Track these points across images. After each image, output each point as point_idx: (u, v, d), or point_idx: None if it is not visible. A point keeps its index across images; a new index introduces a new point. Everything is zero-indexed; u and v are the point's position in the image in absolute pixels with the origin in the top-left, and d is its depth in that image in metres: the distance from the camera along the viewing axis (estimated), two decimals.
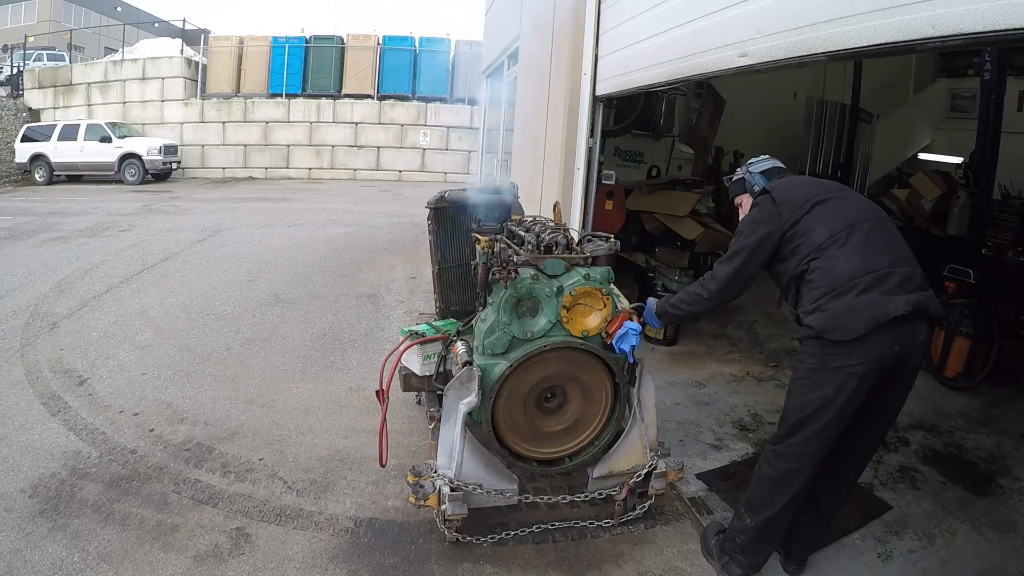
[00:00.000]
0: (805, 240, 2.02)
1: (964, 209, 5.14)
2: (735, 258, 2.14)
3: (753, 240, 2.11)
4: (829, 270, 1.95)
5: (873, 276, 1.90)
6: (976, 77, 5.84)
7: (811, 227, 2.03)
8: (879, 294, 1.88)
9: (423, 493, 2.21)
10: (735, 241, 2.16)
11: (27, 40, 19.67)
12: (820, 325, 1.92)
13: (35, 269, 6.22)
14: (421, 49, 16.22)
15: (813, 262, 1.99)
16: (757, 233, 2.11)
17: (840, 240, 1.98)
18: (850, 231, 1.99)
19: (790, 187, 2.17)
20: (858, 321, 1.86)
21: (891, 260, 1.94)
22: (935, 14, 1.60)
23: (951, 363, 4.03)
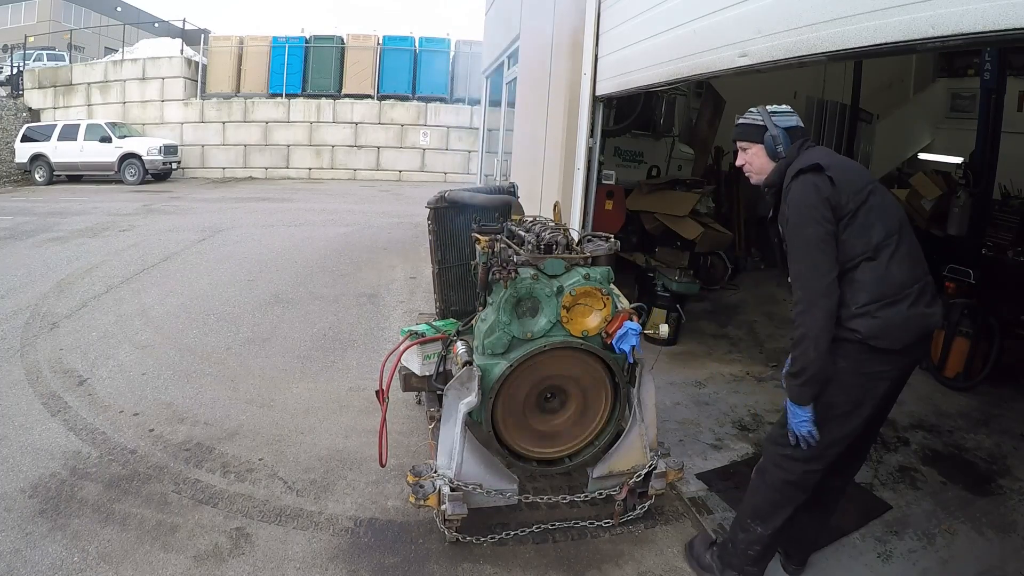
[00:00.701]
0: (861, 236, 1.84)
1: (964, 209, 5.13)
2: (813, 251, 1.83)
3: (825, 223, 1.82)
4: (884, 275, 1.83)
5: (919, 286, 1.86)
6: (976, 77, 5.84)
7: (870, 222, 1.84)
8: (924, 307, 1.85)
9: (423, 493, 2.21)
10: (799, 232, 1.84)
11: (27, 40, 19.66)
12: (870, 331, 1.82)
13: (35, 269, 6.22)
14: (421, 49, 16.22)
15: (867, 263, 1.84)
16: (825, 216, 1.83)
17: (893, 242, 1.85)
18: (900, 233, 1.87)
19: (844, 167, 1.92)
20: (910, 333, 1.83)
21: (925, 268, 1.90)
22: (935, 14, 1.60)
23: (951, 363, 4.02)
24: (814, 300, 1.82)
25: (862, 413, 1.91)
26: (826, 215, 1.83)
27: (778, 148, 2.04)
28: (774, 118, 2.08)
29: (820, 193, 1.83)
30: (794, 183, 1.89)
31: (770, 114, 2.09)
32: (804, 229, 1.84)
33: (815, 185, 1.85)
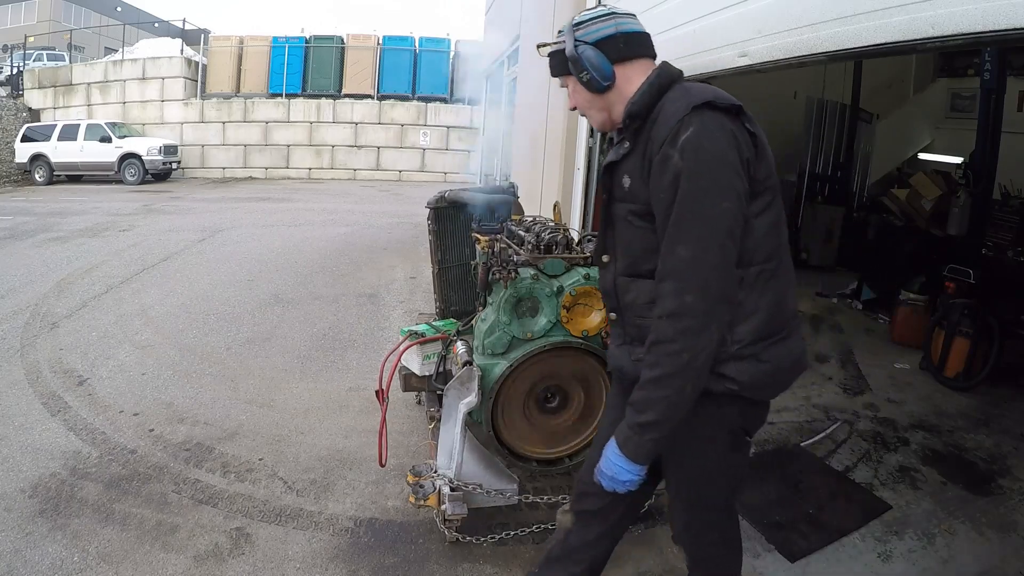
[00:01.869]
0: (766, 232, 1.29)
1: (964, 209, 5.14)
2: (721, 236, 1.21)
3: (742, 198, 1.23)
4: (781, 299, 1.33)
5: (798, 317, 1.44)
6: (976, 77, 5.83)
7: (778, 216, 1.31)
8: (800, 339, 1.42)
9: (423, 493, 2.21)
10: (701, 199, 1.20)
11: (27, 40, 19.65)
12: (751, 381, 1.30)
13: (35, 269, 6.22)
14: (421, 49, 16.23)
15: (765, 277, 1.30)
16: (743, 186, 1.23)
17: (786, 248, 1.36)
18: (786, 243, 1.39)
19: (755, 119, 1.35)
20: (793, 376, 1.40)
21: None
22: (935, 14, 1.60)
23: (951, 363, 4.02)
24: (711, 312, 1.21)
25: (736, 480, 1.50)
26: (743, 187, 1.22)
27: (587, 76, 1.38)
28: (579, 32, 1.39)
29: (740, 152, 1.22)
30: (693, 121, 1.22)
31: (574, 26, 1.41)
32: (711, 198, 1.20)
33: (733, 136, 1.23)
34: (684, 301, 1.20)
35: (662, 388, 1.24)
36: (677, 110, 1.24)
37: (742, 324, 1.29)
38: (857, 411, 3.64)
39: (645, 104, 1.32)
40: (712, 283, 1.20)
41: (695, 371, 1.23)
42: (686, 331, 1.20)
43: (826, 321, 5.34)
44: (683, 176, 1.20)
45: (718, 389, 1.30)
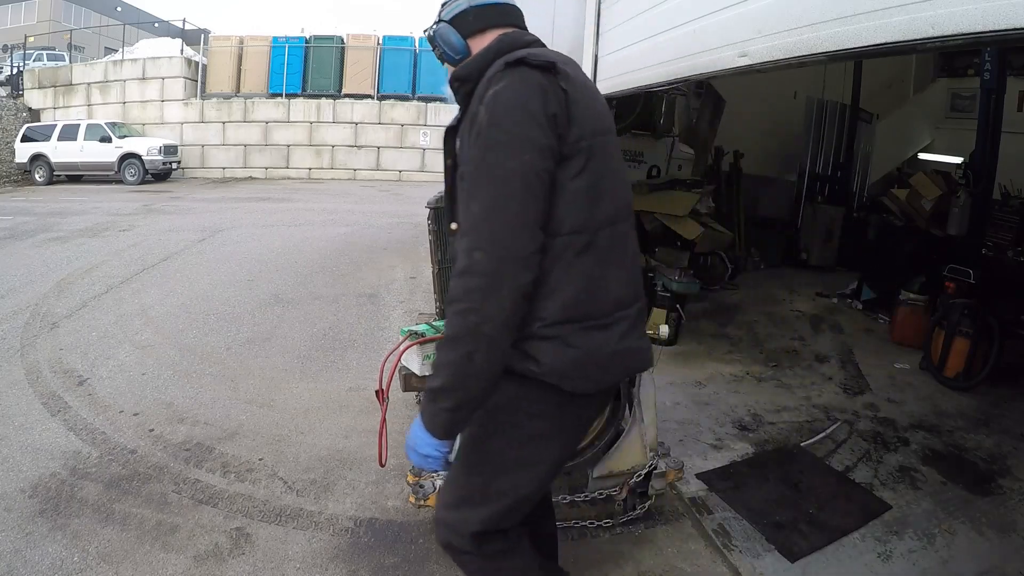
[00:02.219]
0: (581, 200, 1.20)
1: (964, 209, 5.14)
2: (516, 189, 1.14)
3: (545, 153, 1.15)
4: (598, 279, 1.23)
5: (638, 308, 1.34)
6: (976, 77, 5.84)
7: (600, 184, 1.22)
8: (637, 339, 1.32)
9: (423, 493, 2.21)
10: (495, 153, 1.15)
11: (27, 40, 19.66)
12: (554, 366, 1.22)
13: (35, 269, 6.22)
14: (421, 49, 16.21)
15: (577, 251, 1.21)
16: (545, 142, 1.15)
17: (621, 231, 1.28)
18: (629, 221, 1.32)
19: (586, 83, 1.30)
20: (612, 375, 1.31)
21: (640, 287, 1.37)
22: (935, 14, 1.60)
23: (951, 363, 4.02)
24: (500, 271, 1.12)
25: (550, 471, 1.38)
26: (547, 141, 1.15)
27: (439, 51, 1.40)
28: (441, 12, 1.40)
29: (546, 106, 1.15)
30: (504, 76, 1.18)
31: (440, 8, 1.41)
32: (506, 150, 1.14)
33: (541, 89, 1.16)
34: (473, 258, 1.12)
35: (450, 351, 1.16)
36: (494, 69, 1.22)
37: (546, 299, 1.20)
38: (857, 411, 3.64)
39: (473, 68, 1.30)
40: (503, 239, 1.12)
41: (485, 339, 1.13)
42: (473, 290, 1.12)
43: (826, 321, 5.34)
44: (483, 128, 1.16)
45: (520, 368, 1.23)
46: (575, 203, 1.19)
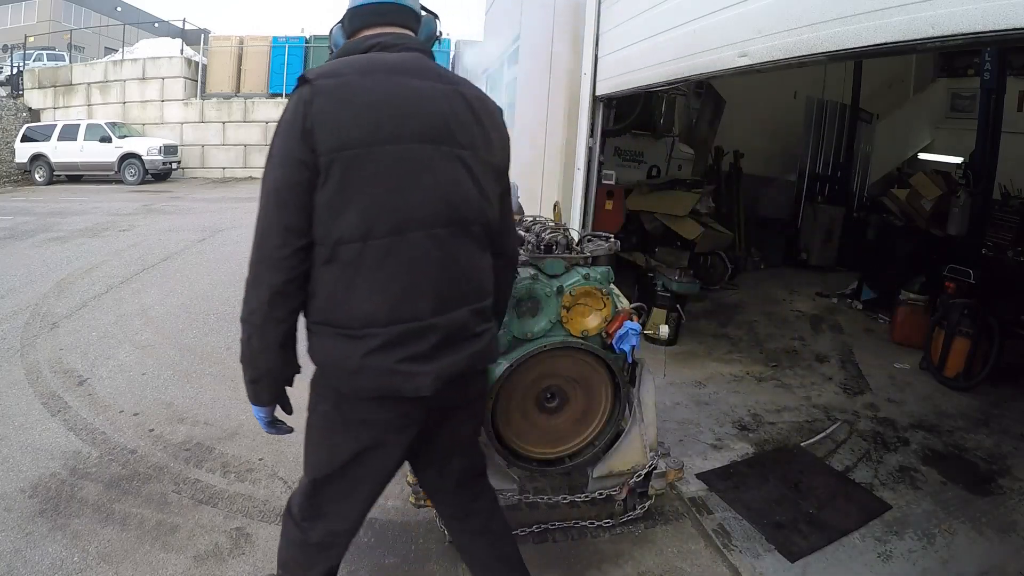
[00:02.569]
0: (327, 214, 1.28)
1: (964, 209, 5.15)
2: (268, 201, 1.29)
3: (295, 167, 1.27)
4: (334, 293, 1.31)
5: (405, 330, 1.32)
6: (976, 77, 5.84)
7: (341, 198, 1.28)
8: (401, 361, 1.31)
9: (423, 493, 2.21)
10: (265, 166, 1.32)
11: (27, 40, 19.66)
12: (319, 361, 1.37)
13: (35, 269, 6.22)
14: None
15: (325, 262, 1.31)
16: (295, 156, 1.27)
17: (373, 251, 1.29)
18: (397, 239, 1.30)
19: (360, 92, 1.30)
20: (366, 388, 1.34)
21: (442, 306, 1.36)
22: (935, 14, 1.60)
23: (951, 363, 4.03)
24: (259, 271, 1.30)
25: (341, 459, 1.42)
26: (299, 156, 1.26)
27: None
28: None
29: (304, 120, 1.25)
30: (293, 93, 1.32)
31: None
32: (270, 163, 1.30)
33: (301, 103, 1.27)
34: (251, 256, 1.32)
35: (241, 328, 1.36)
36: None
37: (310, 299, 1.34)
38: (857, 411, 3.64)
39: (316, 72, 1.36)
40: (259, 243, 1.30)
41: (254, 327, 1.32)
42: (246, 282, 1.32)
43: (826, 321, 5.35)
44: None
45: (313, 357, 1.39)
46: (318, 215, 1.29)
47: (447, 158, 1.36)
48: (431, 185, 1.34)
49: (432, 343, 1.34)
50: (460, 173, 1.38)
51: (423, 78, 1.38)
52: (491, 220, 1.48)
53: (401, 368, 1.32)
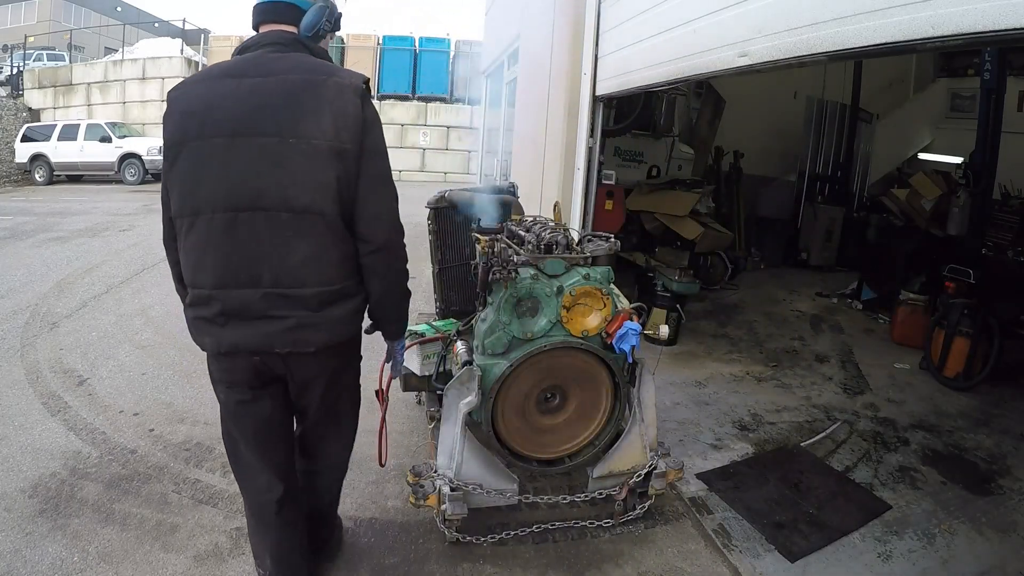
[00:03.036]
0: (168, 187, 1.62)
1: (964, 209, 5.14)
2: None
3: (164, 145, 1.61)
4: (184, 257, 1.64)
5: (196, 294, 1.60)
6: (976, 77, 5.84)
7: (171, 182, 1.59)
8: (213, 323, 1.59)
9: (423, 493, 2.21)
10: None
11: (27, 40, 19.65)
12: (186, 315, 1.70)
13: (35, 269, 6.21)
14: (421, 49, 16.22)
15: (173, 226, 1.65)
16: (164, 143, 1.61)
17: (194, 224, 1.56)
18: (192, 219, 1.55)
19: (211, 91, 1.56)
20: (199, 341, 1.66)
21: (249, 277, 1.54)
22: (935, 14, 1.60)
23: (951, 363, 4.03)
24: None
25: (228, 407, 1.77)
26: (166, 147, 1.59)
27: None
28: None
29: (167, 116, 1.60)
30: None
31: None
32: None
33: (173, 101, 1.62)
34: None
35: None
36: None
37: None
38: (857, 411, 3.64)
39: None
40: None
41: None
42: None
43: (826, 321, 5.35)
44: None
45: None
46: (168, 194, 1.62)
47: (243, 148, 1.51)
48: (220, 175, 1.52)
49: (215, 311, 1.58)
50: (259, 162, 1.51)
51: (254, 75, 1.55)
52: (316, 206, 1.53)
53: (197, 325, 1.64)
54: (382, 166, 1.63)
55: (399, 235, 1.70)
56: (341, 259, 1.60)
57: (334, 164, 1.53)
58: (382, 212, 1.63)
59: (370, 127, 1.59)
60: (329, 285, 1.59)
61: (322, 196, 1.53)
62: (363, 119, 1.56)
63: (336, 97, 1.54)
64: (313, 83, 1.54)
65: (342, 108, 1.54)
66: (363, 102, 1.58)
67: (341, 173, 1.54)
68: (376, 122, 1.62)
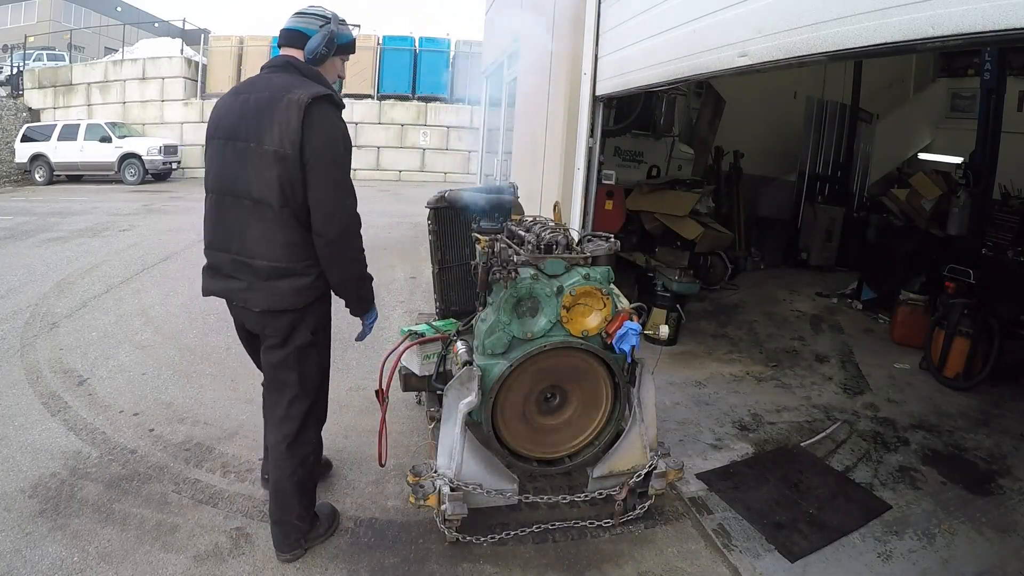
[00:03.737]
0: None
1: (964, 209, 5.14)
2: None
3: None
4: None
5: (211, 253, 2.11)
6: (976, 77, 5.85)
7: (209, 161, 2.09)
8: (210, 274, 2.12)
9: (423, 493, 2.21)
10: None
11: (27, 40, 19.65)
12: None
13: (35, 269, 6.21)
14: (421, 49, 16.21)
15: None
16: None
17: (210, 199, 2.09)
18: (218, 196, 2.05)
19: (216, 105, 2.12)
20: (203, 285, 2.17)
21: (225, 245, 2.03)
22: (935, 14, 1.60)
23: (951, 363, 4.03)
24: None
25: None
26: None
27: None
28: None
29: None
30: None
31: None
32: None
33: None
34: None
35: None
36: None
37: None
38: (857, 411, 3.64)
39: None
40: None
41: None
42: None
43: (826, 321, 5.35)
44: None
45: None
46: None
47: (233, 150, 1.96)
48: (219, 167, 2.02)
49: (206, 264, 2.12)
50: (239, 161, 1.95)
51: (248, 93, 2.00)
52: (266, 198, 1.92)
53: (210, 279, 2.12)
54: (332, 171, 1.90)
55: (352, 230, 1.98)
56: (286, 243, 1.95)
57: (277, 166, 1.87)
58: (334, 212, 1.92)
59: (312, 135, 1.86)
60: (276, 262, 1.96)
61: (269, 191, 1.90)
62: (301, 129, 1.85)
63: (285, 110, 1.86)
64: (275, 99, 1.88)
65: (287, 120, 1.85)
66: (307, 114, 1.85)
67: (282, 173, 1.88)
68: (323, 131, 1.87)
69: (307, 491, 2.24)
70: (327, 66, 2.07)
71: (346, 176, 1.93)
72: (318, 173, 1.88)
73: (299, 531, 2.22)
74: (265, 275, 1.96)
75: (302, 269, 1.97)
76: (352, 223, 1.96)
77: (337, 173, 1.90)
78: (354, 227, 1.98)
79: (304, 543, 2.25)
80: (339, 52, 2.08)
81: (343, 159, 1.92)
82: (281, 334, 2.06)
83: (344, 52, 2.11)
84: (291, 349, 2.08)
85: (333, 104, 1.92)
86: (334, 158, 1.89)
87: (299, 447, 2.16)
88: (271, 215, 1.92)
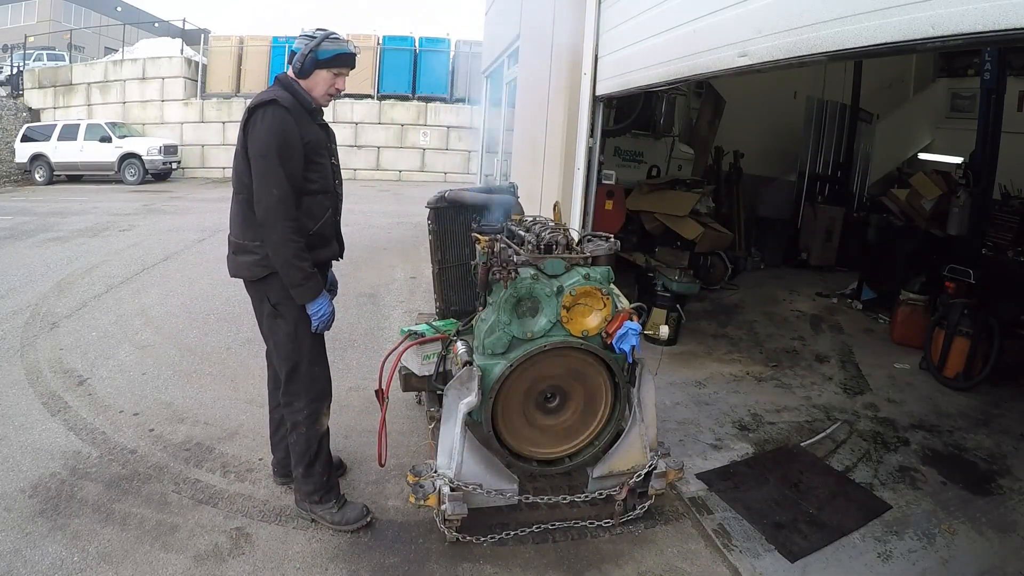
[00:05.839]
0: None
1: (964, 209, 5.14)
2: None
3: None
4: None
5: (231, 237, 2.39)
6: (976, 77, 5.85)
7: None
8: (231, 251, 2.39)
9: (423, 493, 2.21)
10: None
11: (27, 40, 19.65)
12: None
13: (35, 269, 6.22)
14: (421, 49, 16.22)
15: None
16: None
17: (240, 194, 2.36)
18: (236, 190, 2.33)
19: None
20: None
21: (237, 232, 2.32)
22: (935, 14, 1.60)
23: (951, 363, 4.03)
24: None
25: None
26: None
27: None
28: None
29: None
30: None
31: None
32: None
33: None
34: None
35: None
36: None
37: None
38: (857, 411, 3.64)
39: None
40: None
41: None
42: None
43: (826, 321, 5.35)
44: None
45: None
46: None
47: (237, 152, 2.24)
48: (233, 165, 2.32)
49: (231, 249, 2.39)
50: (236, 160, 2.25)
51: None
52: (235, 186, 2.27)
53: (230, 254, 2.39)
54: (261, 163, 2.13)
55: (272, 217, 2.14)
56: (244, 224, 2.27)
57: (239, 160, 2.22)
58: (260, 199, 2.15)
59: (252, 132, 2.14)
60: (240, 239, 2.30)
61: (237, 180, 2.25)
62: (244, 128, 2.18)
63: (251, 113, 2.15)
64: (249, 108, 2.18)
65: (243, 121, 2.19)
66: (251, 115, 2.14)
67: (239, 165, 2.22)
68: (258, 130, 2.12)
69: (303, 459, 2.39)
70: (313, 79, 2.25)
71: (274, 168, 2.11)
72: (253, 164, 2.15)
73: (302, 494, 2.44)
74: (233, 249, 2.34)
75: (253, 248, 2.26)
76: (273, 209, 2.13)
77: (264, 166, 2.12)
78: (274, 213, 2.14)
79: (309, 511, 2.44)
80: (323, 66, 2.23)
81: (272, 153, 2.11)
82: (256, 301, 2.40)
83: (330, 66, 2.24)
84: (263, 316, 2.40)
85: (278, 107, 2.12)
86: (264, 152, 2.11)
87: (290, 412, 2.42)
88: (241, 200, 2.27)
